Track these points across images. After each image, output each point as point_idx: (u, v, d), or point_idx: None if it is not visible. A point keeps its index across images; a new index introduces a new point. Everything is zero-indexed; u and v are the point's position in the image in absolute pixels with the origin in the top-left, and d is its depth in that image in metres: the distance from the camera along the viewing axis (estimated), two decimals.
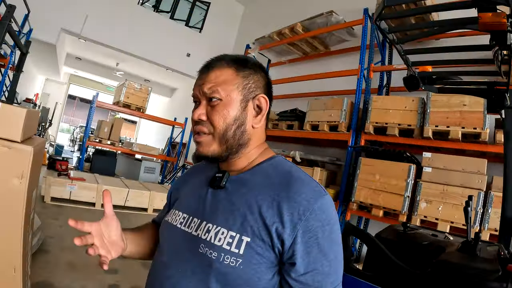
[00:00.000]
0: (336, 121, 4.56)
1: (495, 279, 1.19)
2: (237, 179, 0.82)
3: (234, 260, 0.70)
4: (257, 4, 9.34)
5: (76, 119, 22.54)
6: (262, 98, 0.84)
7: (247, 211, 0.74)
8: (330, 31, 5.33)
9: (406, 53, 1.58)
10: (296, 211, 0.70)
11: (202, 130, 0.81)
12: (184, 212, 0.86)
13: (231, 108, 0.80)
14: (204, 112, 0.81)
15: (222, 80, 0.81)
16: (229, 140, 0.80)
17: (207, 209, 0.81)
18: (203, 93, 0.82)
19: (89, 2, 7.28)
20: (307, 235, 0.69)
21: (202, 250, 0.74)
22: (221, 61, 0.84)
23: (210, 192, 0.84)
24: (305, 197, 0.71)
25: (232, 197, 0.79)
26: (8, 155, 1.40)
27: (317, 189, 0.74)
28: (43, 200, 4.82)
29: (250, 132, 0.84)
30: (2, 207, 1.42)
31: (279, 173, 0.79)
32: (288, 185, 0.74)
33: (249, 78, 0.83)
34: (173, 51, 8.78)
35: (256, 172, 0.82)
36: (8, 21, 3.10)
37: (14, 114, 1.44)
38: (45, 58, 9.24)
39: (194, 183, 0.94)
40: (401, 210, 3.56)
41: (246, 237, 0.71)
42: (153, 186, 6.72)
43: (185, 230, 0.81)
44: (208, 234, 0.75)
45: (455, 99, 3.47)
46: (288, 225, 0.69)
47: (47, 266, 2.85)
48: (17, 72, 5.09)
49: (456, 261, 1.36)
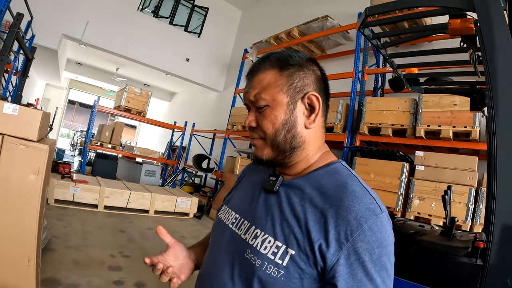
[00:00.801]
0: (331, 122, 4.70)
1: (465, 255, 1.33)
2: (290, 184, 0.79)
3: (276, 271, 0.68)
4: (255, 9, 9.50)
5: (76, 124, 22.67)
6: (313, 96, 0.78)
7: (295, 222, 0.71)
8: (326, 35, 5.48)
9: (391, 56, 1.71)
10: (344, 230, 0.65)
11: (255, 136, 0.80)
12: (236, 212, 0.85)
13: (278, 112, 0.76)
14: (253, 119, 0.79)
15: (266, 84, 0.77)
16: (280, 145, 0.77)
17: (257, 214, 0.79)
18: (250, 101, 0.80)
19: (90, 9, 7.45)
20: (353, 257, 0.64)
21: (247, 255, 0.73)
22: (264, 63, 0.80)
23: (263, 195, 0.82)
24: (355, 216, 0.65)
25: (282, 205, 0.76)
26: (25, 153, 1.52)
27: (372, 207, 0.67)
28: (47, 202, 4.92)
29: (304, 134, 0.79)
30: (20, 200, 1.54)
31: (333, 183, 0.73)
32: (340, 199, 0.68)
33: (294, 76, 0.78)
34: (173, 56, 8.94)
35: (310, 179, 0.77)
36: (17, 29, 3.24)
37: (31, 115, 1.57)
38: (47, 64, 9.37)
39: (249, 182, 0.93)
40: (395, 207, 3.69)
41: (292, 250, 0.68)
42: (154, 188, 6.83)
43: (235, 231, 0.81)
44: (255, 240, 0.74)
45: (446, 99, 3.61)
46: (333, 245, 0.65)
47: (53, 263, 2.95)
48: (23, 77, 5.22)
49: (433, 240, 1.50)
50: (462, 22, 1.14)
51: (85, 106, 21.33)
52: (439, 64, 1.92)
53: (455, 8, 1.13)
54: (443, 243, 1.45)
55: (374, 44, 1.51)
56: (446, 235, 1.59)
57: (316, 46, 6.07)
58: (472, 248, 1.33)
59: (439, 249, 1.42)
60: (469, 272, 1.27)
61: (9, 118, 1.56)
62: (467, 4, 1.14)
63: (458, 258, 1.34)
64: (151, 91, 8.74)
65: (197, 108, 11.40)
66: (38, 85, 13.84)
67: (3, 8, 3.71)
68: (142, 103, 8.29)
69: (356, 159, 4.14)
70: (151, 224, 5.16)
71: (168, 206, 6.12)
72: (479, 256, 1.27)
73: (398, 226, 1.78)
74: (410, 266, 1.50)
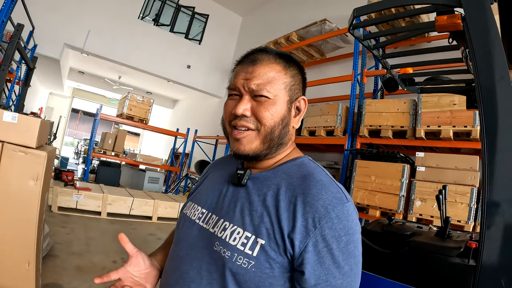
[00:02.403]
0: (332, 126, 4.70)
1: (457, 255, 1.32)
2: (258, 176, 0.80)
3: (246, 262, 0.68)
4: (255, 14, 9.57)
5: (80, 132, 22.81)
6: (303, 100, 0.84)
7: (264, 212, 0.71)
8: (325, 39, 5.50)
9: (386, 57, 1.72)
10: (311, 217, 0.66)
11: (247, 126, 0.77)
12: (203, 207, 0.84)
13: (280, 107, 0.78)
14: (249, 108, 0.77)
15: (271, 78, 0.78)
16: (274, 139, 0.78)
17: (225, 207, 0.79)
18: (249, 89, 0.77)
19: (91, 18, 7.54)
20: (321, 244, 0.65)
21: (217, 248, 0.73)
22: (268, 55, 0.81)
23: (231, 189, 0.82)
24: (322, 203, 0.67)
25: (251, 196, 0.76)
26: (25, 159, 1.55)
27: (338, 195, 0.69)
28: (50, 209, 4.96)
29: (292, 132, 0.83)
30: (19, 205, 1.57)
31: (301, 174, 0.75)
32: (307, 188, 0.70)
33: (295, 78, 0.82)
34: (174, 63, 9.00)
35: (279, 171, 0.78)
36: (17, 39, 3.30)
37: (29, 123, 1.60)
38: (49, 73, 9.48)
39: (215, 177, 0.92)
40: (397, 210, 3.67)
41: (261, 240, 0.69)
42: (157, 195, 6.85)
43: (203, 226, 0.80)
44: (224, 232, 0.73)
45: (445, 99, 3.60)
46: (301, 231, 0.66)
47: (56, 269, 2.97)
48: (25, 87, 5.30)
49: (424, 241, 1.49)
50: (449, 18, 1.15)
51: (88, 115, 21.49)
52: (435, 63, 1.93)
53: (443, 5, 1.14)
54: (434, 243, 1.44)
55: (366, 45, 1.52)
56: (441, 236, 1.59)
57: (316, 50, 6.09)
58: (465, 248, 1.32)
59: (430, 249, 1.41)
60: (461, 272, 1.26)
61: (9, 126, 1.60)
62: (454, 0, 1.14)
63: (450, 259, 1.33)
64: (153, 99, 8.79)
65: (199, 115, 11.45)
66: (42, 94, 14.00)
67: (4, 19, 3.78)
68: (144, 110, 8.35)
69: (357, 162, 4.13)
70: (154, 230, 5.18)
71: (171, 213, 6.13)
72: (472, 256, 1.27)
73: (395, 228, 1.77)
74: (400, 267, 1.49)
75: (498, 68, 1.09)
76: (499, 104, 1.08)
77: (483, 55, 1.11)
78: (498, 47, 1.09)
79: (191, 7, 9.24)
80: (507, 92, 1.07)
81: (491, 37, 1.09)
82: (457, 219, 3.27)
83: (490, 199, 1.05)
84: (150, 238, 4.63)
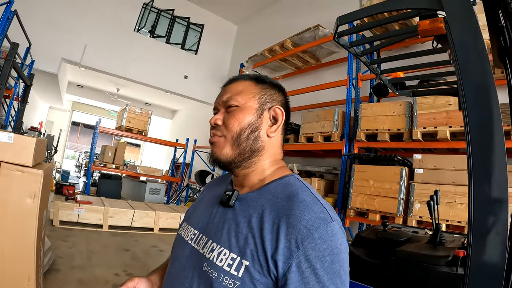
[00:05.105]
0: (329, 131, 4.72)
1: (445, 264, 1.32)
2: (245, 197, 0.82)
3: (232, 282, 0.69)
4: (250, 22, 9.64)
5: (81, 145, 22.84)
6: (278, 109, 0.86)
7: (249, 233, 0.73)
8: (319, 44, 5.54)
9: (374, 62, 1.74)
10: (294, 238, 0.67)
11: (215, 133, 0.85)
12: (195, 228, 0.88)
13: (247, 114, 0.83)
14: (220, 118, 0.85)
15: (241, 90, 0.86)
16: (242, 144, 0.82)
17: (214, 228, 0.81)
18: (222, 102, 0.86)
19: (87, 32, 7.61)
20: (304, 265, 0.66)
21: (205, 268, 0.75)
22: (243, 77, 0.90)
23: (220, 210, 0.84)
24: (305, 224, 0.67)
25: (237, 218, 0.78)
26: (21, 178, 1.58)
27: (322, 216, 0.69)
28: (52, 223, 4.97)
29: (265, 140, 0.85)
30: (18, 223, 1.59)
31: (285, 194, 0.76)
32: (290, 209, 0.71)
33: (266, 90, 0.88)
34: (171, 74, 9.05)
35: (265, 192, 0.80)
36: (13, 58, 3.36)
37: (25, 143, 1.63)
38: (48, 87, 9.54)
39: (208, 199, 0.95)
40: (396, 213, 3.66)
41: (246, 261, 0.70)
42: (158, 206, 6.85)
43: (194, 247, 0.83)
44: (212, 253, 0.76)
45: (441, 100, 3.61)
46: (284, 252, 0.67)
47: (58, 283, 2.98)
48: (23, 103, 5.35)
49: (412, 250, 1.49)
50: (432, 23, 1.16)
51: (89, 127, 21.55)
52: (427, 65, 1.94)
53: (425, 9, 1.15)
54: (421, 252, 1.43)
55: (353, 52, 1.54)
56: (432, 243, 1.58)
57: (311, 56, 6.13)
58: (453, 256, 1.32)
59: (417, 259, 1.40)
60: (449, 282, 1.25)
61: (5, 146, 1.63)
62: (436, 3, 1.13)
63: (437, 268, 1.32)
64: (151, 110, 8.84)
65: (198, 124, 11.47)
66: (41, 108, 14.05)
67: (0, 37, 3.84)
68: (143, 122, 8.39)
69: (355, 167, 4.14)
70: (156, 242, 5.18)
71: (172, 223, 6.13)
72: (460, 265, 1.26)
73: (389, 234, 1.77)
74: (388, 277, 1.48)
75: (481, 69, 1.09)
76: (481, 106, 1.08)
77: (465, 57, 1.11)
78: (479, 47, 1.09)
79: (186, 18, 9.32)
80: (490, 92, 1.07)
81: (473, 38, 1.09)
82: (457, 220, 3.25)
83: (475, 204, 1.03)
84: (152, 250, 4.63)
